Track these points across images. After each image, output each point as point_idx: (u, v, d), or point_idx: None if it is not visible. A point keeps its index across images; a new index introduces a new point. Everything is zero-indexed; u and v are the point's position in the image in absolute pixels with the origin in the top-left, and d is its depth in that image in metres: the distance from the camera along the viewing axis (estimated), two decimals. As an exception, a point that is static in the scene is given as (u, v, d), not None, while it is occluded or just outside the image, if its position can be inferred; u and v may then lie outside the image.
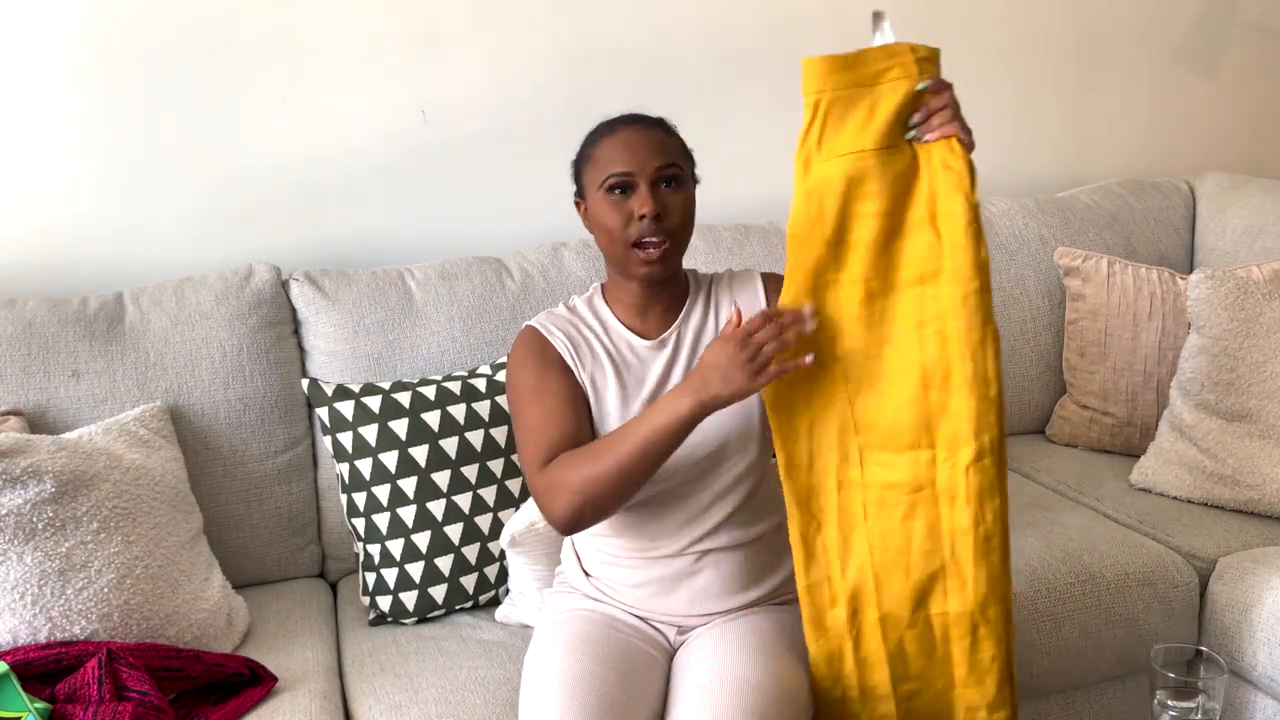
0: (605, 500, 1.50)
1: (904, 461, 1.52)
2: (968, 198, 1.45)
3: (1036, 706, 1.97)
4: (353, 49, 2.30)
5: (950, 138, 1.46)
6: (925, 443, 1.51)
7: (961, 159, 1.46)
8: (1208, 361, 2.17)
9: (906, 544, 1.53)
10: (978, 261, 1.46)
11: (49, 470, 1.66)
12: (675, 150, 1.60)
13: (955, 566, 1.51)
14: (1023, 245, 2.54)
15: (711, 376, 1.45)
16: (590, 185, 1.60)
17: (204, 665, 1.67)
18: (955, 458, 1.49)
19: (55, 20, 2.12)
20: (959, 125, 1.46)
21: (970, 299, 1.46)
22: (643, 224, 1.55)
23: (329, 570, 2.16)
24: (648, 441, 1.47)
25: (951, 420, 1.49)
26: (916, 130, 1.48)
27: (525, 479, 1.58)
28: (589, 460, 1.50)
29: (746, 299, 1.68)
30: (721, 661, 1.54)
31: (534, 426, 1.57)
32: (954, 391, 1.48)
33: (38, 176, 2.17)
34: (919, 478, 1.51)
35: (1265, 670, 1.89)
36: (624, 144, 1.58)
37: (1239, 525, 2.09)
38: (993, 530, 1.49)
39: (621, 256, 1.59)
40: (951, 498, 1.50)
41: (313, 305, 2.12)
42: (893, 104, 1.47)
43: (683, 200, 1.59)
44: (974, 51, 2.74)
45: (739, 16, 2.54)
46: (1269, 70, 3.03)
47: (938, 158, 1.47)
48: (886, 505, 1.53)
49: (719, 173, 1.95)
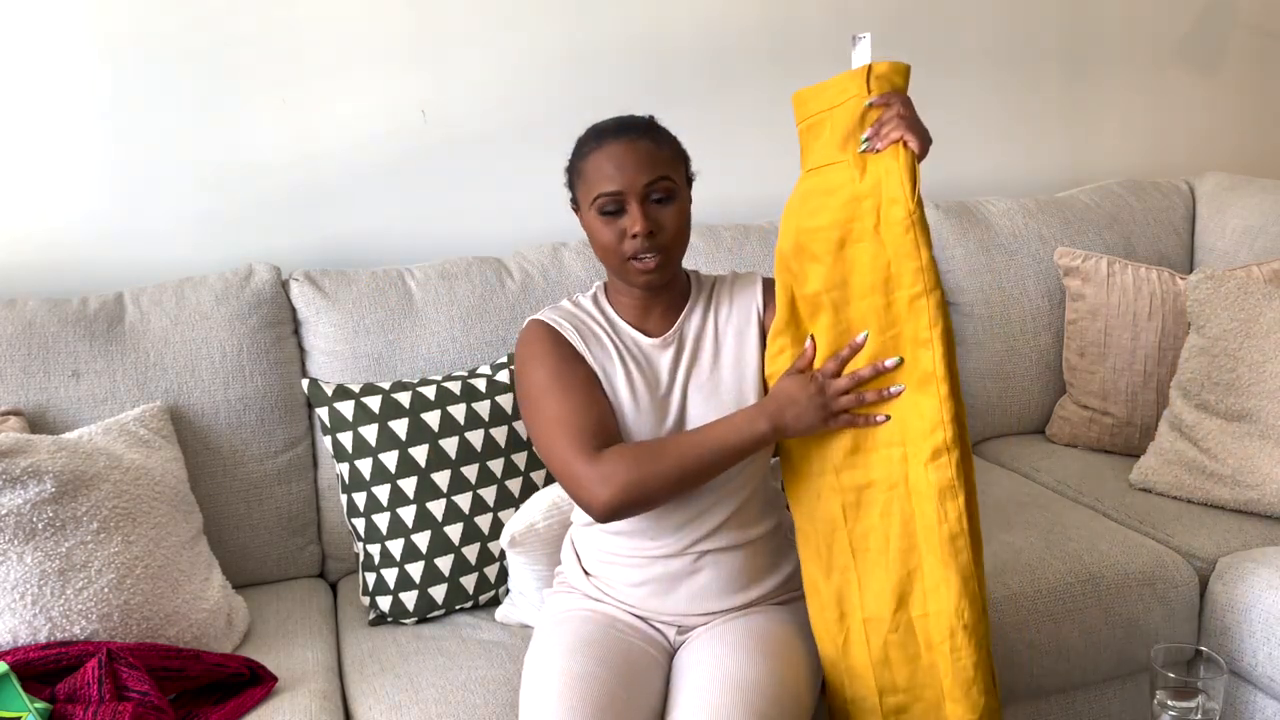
0: (656, 499, 1.53)
1: (878, 460, 1.55)
2: (905, 203, 1.47)
3: (1036, 706, 1.97)
4: (353, 49, 2.30)
5: (897, 143, 1.48)
6: (897, 440, 1.53)
7: (903, 164, 1.48)
8: (1208, 361, 2.17)
9: (885, 542, 1.55)
10: (919, 265, 1.48)
11: (49, 470, 1.66)
12: (665, 161, 1.58)
13: (930, 565, 1.52)
14: (1023, 245, 2.54)
15: (788, 408, 1.52)
16: (582, 200, 1.61)
17: (204, 665, 1.67)
18: (920, 454, 1.52)
19: (56, 20, 2.13)
20: (907, 130, 1.47)
21: (916, 302, 1.49)
22: (635, 242, 1.56)
23: (329, 570, 2.16)
24: (717, 453, 1.52)
25: (915, 418, 1.52)
26: (868, 142, 1.50)
27: (557, 467, 1.55)
28: (650, 458, 1.51)
29: (745, 302, 1.69)
30: (721, 661, 1.54)
31: (564, 416, 1.56)
32: (914, 390, 1.52)
33: (38, 177, 2.17)
34: (892, 475, 1.54)
35: (1265, 670, 1.89)
36: (612, 160, 1.56)
37: (1239, 525, 2.09)
38: (956, 530, 1.50)
39: (618, 269, 1.60)
40: (921, 495, 1.52)
41: (313, 305, 2.12)
42: (841, 123, 1.53)
43: (675, 213, 1.59)
44: (974, 51, 2.75)
45: (739, 16, 2.54)
46: (1269, 70, 3.03)
47: (883, 166, 1.49)
48: (864, 505, 1.56)
49: (719, 173, 1.95)
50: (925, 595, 1.53)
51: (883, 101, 1.50)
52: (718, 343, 1.67)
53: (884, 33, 2.62)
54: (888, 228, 1.49)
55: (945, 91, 2.72)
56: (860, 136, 1.51)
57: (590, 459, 1.52)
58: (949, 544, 1.50)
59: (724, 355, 1.66)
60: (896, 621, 1.55)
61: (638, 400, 1.62)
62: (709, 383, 1.64)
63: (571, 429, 1.55)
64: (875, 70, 1.51)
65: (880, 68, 1.52)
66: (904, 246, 1.48)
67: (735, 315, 1.68)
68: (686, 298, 1.70)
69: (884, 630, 1.56)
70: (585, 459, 1.52)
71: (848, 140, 1.52)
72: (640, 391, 1.62)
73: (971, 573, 1.51)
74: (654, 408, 1.62)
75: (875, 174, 1.49)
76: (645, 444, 1.55)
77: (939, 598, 1.52)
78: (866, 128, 1.51)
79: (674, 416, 1.63)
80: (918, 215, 1.47)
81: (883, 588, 1.55)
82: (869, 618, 1.57)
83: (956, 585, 1.50)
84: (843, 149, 1.52)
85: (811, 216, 1.54)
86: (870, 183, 1.49)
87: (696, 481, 1.53)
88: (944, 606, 1.52)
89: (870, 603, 1.56)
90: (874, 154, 1.50)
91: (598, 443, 1.54)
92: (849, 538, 1.58)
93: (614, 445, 1.54)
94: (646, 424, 1.61)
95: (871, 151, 1.50)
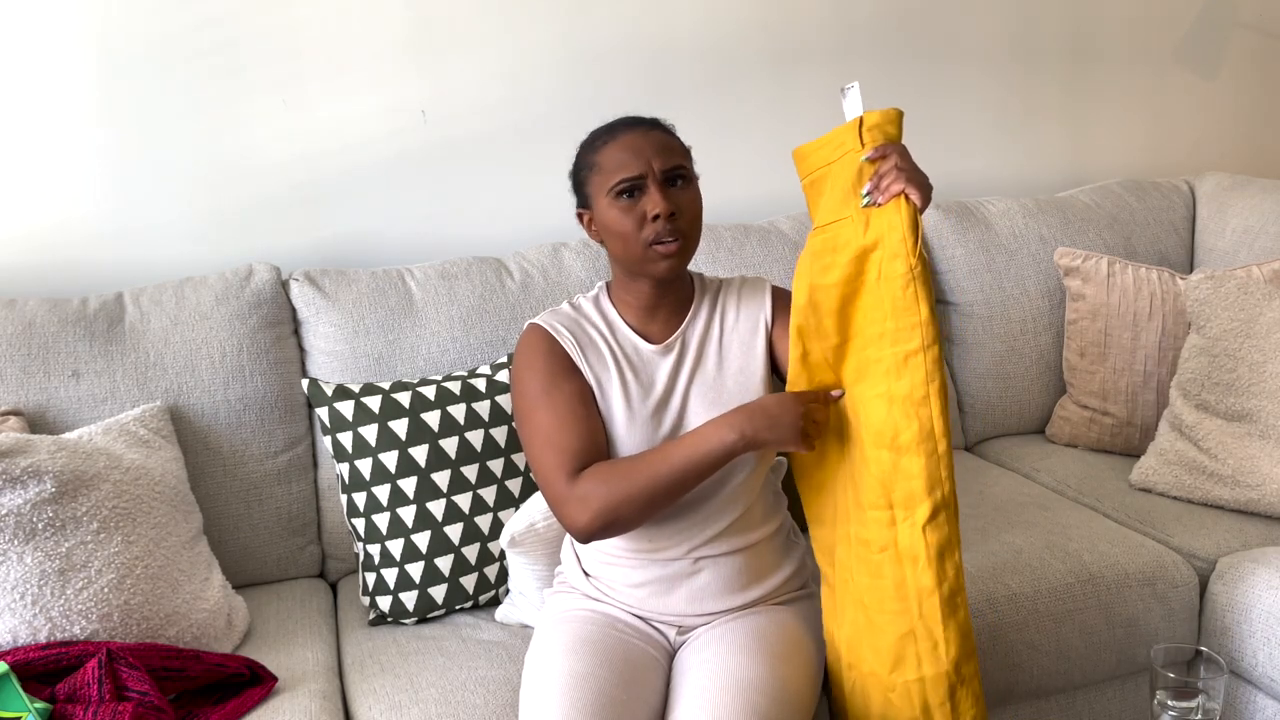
0: (633, 518, 1.52)
1: (871, 520, 1.53)
2: (906, 258, 1.46)
3: (1036, 706, 1.97)
4: (353, 49, 2.30)
5: (898, 196, 1.47)
6: (884, 503, 1.51)
7: (905, 217, 1.47)
8: (1208, 361, 2.17)
9: (881, 603, 1.53)
10: (919, 321, 1.47)
11: (49, 470, 1.66)
12: (679, 150, 1.61)
13: (924, 628, 1.50)
14: (1023, 245, 2.54)
15: (760, 419, 1.50)
16: (597, 192, 1.60)
17: (204, 665, 1.67)
18: (913, 517, 1.49)
19: (56, 20, 2.13)
20: (907, 181, 1.47)
21: (913, 359, 1.47)
22: (657, 224, 1.55)
23: (329, 570, 2.16)
24: (686, 468, 1.50)
25: (904, 480, 1.49)
26: (869, 196, 1.49)
27: (542, 484, 1.57)
28: (622, 478, 1.51)
29: (753, 308, 1.69)
30: (722, 662, 1.54)
31: (550, 434, 1.57)
32: (903, 452, 1.49)
33: (38, 176, 2.17)
34: (882, 538, 1.52)
35: (1265, 670, 1.89)
36: (629, 147, 1.57)
37: (1239, 525, 2.09)
38: (956, 587, 1.49)
39: (639, 257, 1.59)
40: (914, 558, 1.49)
41: (313, 305, 2.12)
42: (840, 179, 1.53)
43: (692, 198, 1.60)
44: (974, 51, 2.75)
45: (739, 17, 2.54)
46: (1269, 70, 3.03)
47: (885, 220, 1.48)
48: (863, 562, 1.55)
49: (719, 173, 1.95)
50: (920, 659, 1.51)
51: (879, 155, 1.49)
52: (722, 348, 1.67)
53: (884, 33, 2.65)
54: (886, 282, 1.48)
55: (945, 91, 2.72)
56: (860, 191, 1.50)
57: (570, 480, 1.53)
58: (947, 603, 1.48)
59: (729, 361, 1.66)
60: (892, 682, 1.54)
61: (632, 408, 1.62)
62: (713, 388, 1.64)
63: (557, 447, 1.55)
64: (866, 122, 1.51)
65: (871, 118, 1.51)
66: (903, 302, 1.47)
67: (742, 321, 1.68)
68: (690, 301, 1.70)
69: (883, 688, 1.55)
70: (566, 479, 1.53)
71: (849, 196, 1.51)
72: (635, 399, 1.62)
73: (968, 627, 1.51)
74: (649, 416, 1.62)
75: (878, 229, 1.48)
76: (619, 464, 1.54)
77: (935, 659, 1.50)
78: (865, 182, 1.50)
79: (671, 424, 1.62)
80: (919, 270, 1.46)
81: (880, 646, 1.54)
82: (870, 672, 1.56)
83: (956, 642, 1.49)
84: (845, 205, 1.52)
85: (823, 274, 1.54)
86: (873, 237, 1.48)
87: (672, 497, 1.53)
88: (940, 669, 1.50)
89: (870, 658, 1.55)
90: (876, 208, 1.49)
91: (580, 463, 1.54)
92: (856, 590, 1.57)
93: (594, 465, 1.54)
94: (640, 433, 1.61)
95: (874, 206, 1.49)
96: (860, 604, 1.56)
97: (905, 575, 1.50)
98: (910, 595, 1.50)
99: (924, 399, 1.47)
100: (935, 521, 1.48)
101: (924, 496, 1.48)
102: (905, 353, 1.47)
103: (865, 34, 2.64)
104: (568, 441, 1.55)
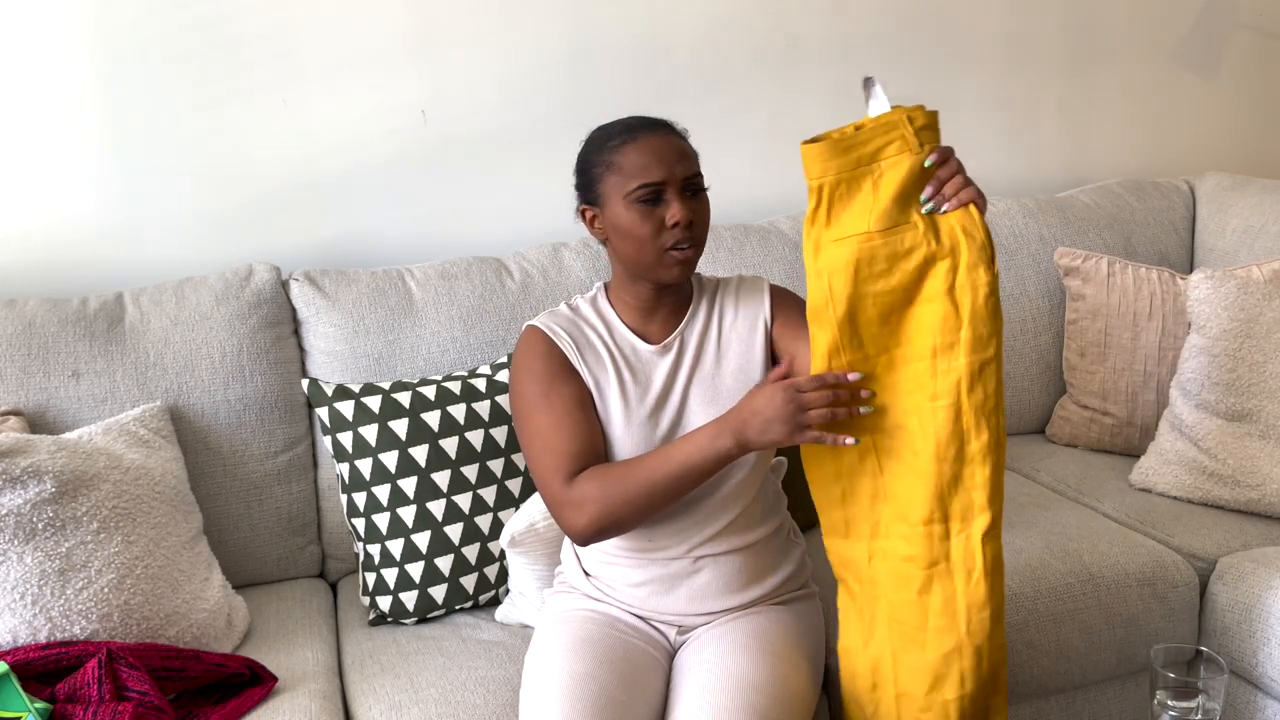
0: (629, 521, 1.53)
1: (919, 535, 1.50)
2: (989, 268, 1.44)
3: (1036, 706, 1.97)
4: (353, 49, 2.30)
5: (967, 204, 1.44)
6: (938, 516, 1.49)
7: (981, 228, 1.44)
8: (1208, 361, 2.17)
9: (923, 620, 1.51)
10: (994, 329, 1.45)
11: (49, 470, 1.66)
12: (695, 157, 1.61)
13: (971, 645, 1.48)
14: (1023, 245, 2.54)
15: (752, 421, 1.47)
16: (612, 192, 1.58)
17: (204, 665, 1.67)
18: (969, 529, 1.48)
19: (55, 20, 2.12)
20: (974, 190, 1.45)
21: (988, 368, 1.45)
22: (676, 232, 1.56)
23: (329, 570, 2.16)
24: (681, 473, 1.50)
25: (963, 492, 1.47)
26: (932, 203, 1.45)
27: (540, 487, 1.57)
28: (618, 481, 1.51)
29: (751, 308, 1.68)
30: (722, 661, 1.54)
31: (548, 437, 1.57)
32: (967, 462, 1.47)
33: (38, 176, 2.17)
34: (934, 552, 1.49)
35: (1265, 670, 1.89)
36: (653, 152, 1.56)
37: (1239, 525, 2.09)
38: (1000, 605, 1.49)
39: (652, 263, 1.58)
40: (968, 572, 1.48)
41: (313, 305, 2.12)
42: (895, 181, 1.45)
43: (706, 206, 1.61)
44: (974, 51, 2.75)
45: (739, 16, 2.54)
46: (1269, 71, 3.03)
47: (958, 227, 1.44)
48: (903, 578, 1.52)
49: (719, 173, 1.94)
50: (963, 677, 1.49)
51: (941, 159, 1.45)
52: (721, 347, 1.67)
53: (885, 33, 2.65)
54: (965, 291, 1.44)
55: (945, 91, 2.72)
56: (920, 197, 1.46)
57: (567, 483, 1.53)
58: (996, 617, 1.48)
59: (727, 360, 1.66)
60: (930, 702, 1.51)
61: (629, 409, 1.62)
62: (711, 387, 1.64)
63: (554, 450, 1.55)
64: (917, 121, 1.44)
65: (920, 118, 1.45)
66: (984, 311, 1.44)
67: (741, 321, 1.68)
68: (689, 301, 1.70)
69: (916, 709, 1.53)
70: (563, 482, 1.54)
71: (901, 201, 1.45)
72: (633, 399, 1.62)
73: (1003, 639, 1.50)
74: (647, 416, 1.62)
75: (950, 236, 1.44)
76: (616, 467, 1.54)
77: (977, 677, 1.49)
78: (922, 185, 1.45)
79: (669, 424, 1.62)
80: (999, 281, 1.45)
81: (918, 665, 1.51)
82: (902, 693, 1.54)
83: (997, 654, 1.49)
84: (898, 211, 1.45)
85: (876, 280, 1.46)
86: (946, 244, 1.44)
87: (667, 501, 1.52)
88: (981, 686, 1.49)
89: (904, 678, 1.53)
90: (941, 215, 1.45)
91: (577, 465, 1.54)
92: (890, 607, 1.54)
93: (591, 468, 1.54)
94: (637, 434, 1.61)
95: (936, 212, 1.46)
96: (896, 621, 1.53)
97: (956, 589, 1.48)
98: (959, 611, 1.48)
99: (995, 408, 1.46)
100: (993, 533, 1.46)
101: (985, 508, 1.46)
102: (981, 361, 1.45)
103: (865, 34, 2.64)
104: (565, 444, 1.55)
